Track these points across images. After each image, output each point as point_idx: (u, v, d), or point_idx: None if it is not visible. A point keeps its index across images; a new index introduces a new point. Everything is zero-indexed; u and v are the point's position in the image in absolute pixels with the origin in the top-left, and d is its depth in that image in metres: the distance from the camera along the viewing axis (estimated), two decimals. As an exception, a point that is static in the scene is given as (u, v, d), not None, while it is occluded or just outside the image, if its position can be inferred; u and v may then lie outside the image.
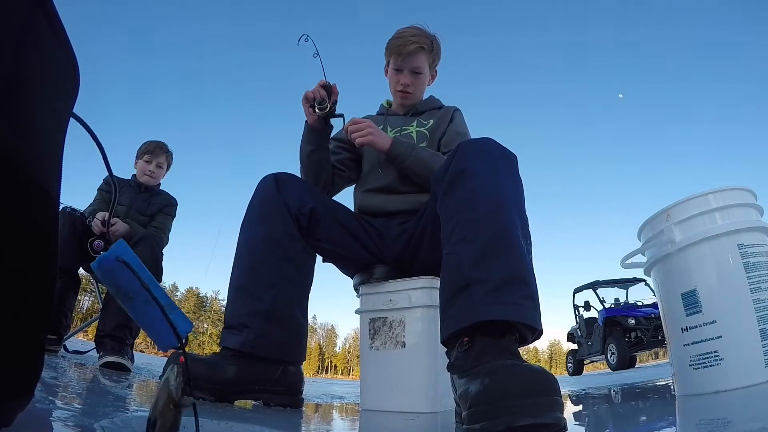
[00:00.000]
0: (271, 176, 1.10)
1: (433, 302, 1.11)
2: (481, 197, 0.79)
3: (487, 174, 0.81)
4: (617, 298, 8.51)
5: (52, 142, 0.38)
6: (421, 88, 1.35)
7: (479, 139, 0.89)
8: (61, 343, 1.97)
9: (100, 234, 1.91)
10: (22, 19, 0.33)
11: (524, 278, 0.72)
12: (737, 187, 1.03)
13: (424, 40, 1.29)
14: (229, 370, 0.93)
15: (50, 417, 0.52)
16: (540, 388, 0.56)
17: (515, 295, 0.70)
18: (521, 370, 0.59)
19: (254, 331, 0.96)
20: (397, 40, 1.29)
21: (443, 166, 0.91)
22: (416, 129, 1.31)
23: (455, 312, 0.73)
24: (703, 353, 0.96)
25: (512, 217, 0.78)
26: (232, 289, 1.04)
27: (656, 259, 1.10)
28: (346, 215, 1.18)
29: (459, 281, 0.74)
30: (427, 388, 1.06)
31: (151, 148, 2.23)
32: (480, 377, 0.61)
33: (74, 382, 1.06)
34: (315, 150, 1.23)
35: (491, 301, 0.69)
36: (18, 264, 0.33)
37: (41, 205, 0.36)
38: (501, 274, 0.70)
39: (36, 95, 0.35)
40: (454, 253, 0.78)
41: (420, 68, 1.31)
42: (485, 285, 0.70)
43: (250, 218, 1.08)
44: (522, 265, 0.73)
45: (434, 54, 1.34)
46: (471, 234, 0.76)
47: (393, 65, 1.32)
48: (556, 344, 74.35)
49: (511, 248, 0.74)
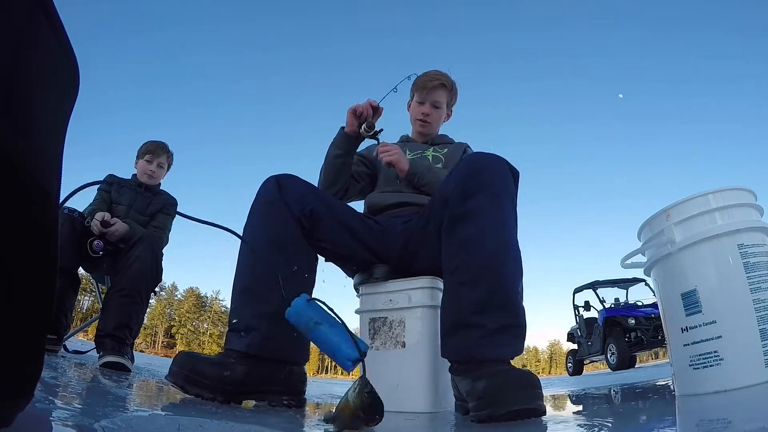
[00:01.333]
0: (272, 178, 1.10)
1: (433, 302, 1.11)
2: (484, 248, 0.90)
3: (493, 215, 0.92)
4: (617, 298, 8.51)
5: (52, 142, 0.38)
6: (438, 122, 1.53)
7: (490, 163, 0.97)
8: (61, 343, 1.97)
9: (99, 234, 1.91)
10: (22, 19, 0.33)
11: (516, 323, 0.88)
12: (737, 187, 1.03)
13: (446, 80, 1.49)
14: (238, 371, 0.94)
15: (50, 417, 0.52)
16: (528, 384, 0.77)
17: (507, 337, 0.87)
18: (515, 371, 0.81)
19: (260, 334, 0.97)
20: (423, 77, 1.49)
21: (455, 179, 0.99)
22: (432, 153, 1.46)
23: (456, 344, 0.90)
24: (703, 353, 0.96)
25: (510, 265, 0.91)
26: (236, 292, 1.04)
27: (656, 259, 1.10)
28: (348, 215, 1.18)
29: (460, 320, 0.90)
30: (427, 388, 1.07)
31: (152, 148, 2.23)
32: (485, 377, 0.80)
33: (74, 382, 1.06)
34: (342, 155, 1.34)
35: (487, 343, 0.85)
36: (18, 264, 0.33)
37: (41, 205, 0.36)
38: (497, 323, 0.86)
39: (36, 95, 0.35)
40: (455, 292, 0.92)
41: (440, 103, 1.50)
42: (483, 330, 0.86)
43: (253, 221, 1.08)
44: (515, 313, 0.89)
45: (453, 94, 1.54)
46: (473, 280, 0.89)
47: (417, 98, 1.50)
48: (556, 344, 74.36)
49: (508, 300, 0.88)
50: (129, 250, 1.92)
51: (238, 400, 0.94)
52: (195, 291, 54.48)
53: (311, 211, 1.08)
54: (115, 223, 1.94)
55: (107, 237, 1.93)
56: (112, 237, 1.94)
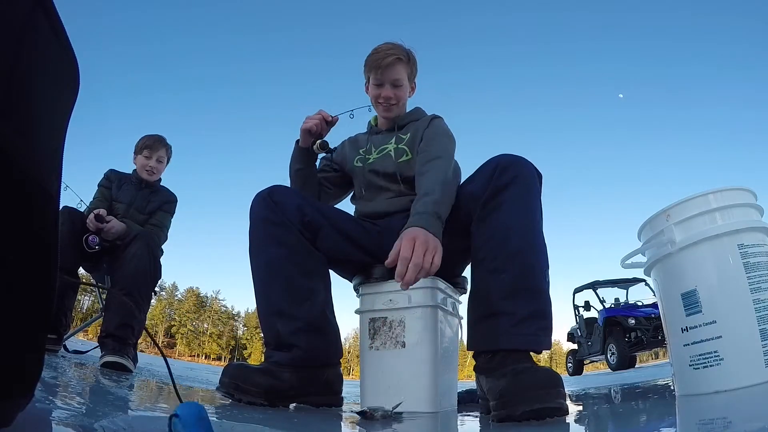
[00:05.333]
0: (264, 193, 1.12)
1: (432, 302, 1.11)
2: (514, 234, 0.92)
3: (523, 209, 0.94)
4: (617, 298, 8.51)
5: (52, 142, 0.38)
6: (403, 100, 1.36)
7: (518, 161, 0.99)
8: (61, 343, 1.97)
9: (95, 230, 1.90)
10: (22, 19, 0.33)
11: (543, 312, 0.89)
12: (737, 187, 1.03)
13: (401, 52, 1.31)
14: (286, 380, 1.02)
15: (50, 417, 0.52)
16: (550, 382, 0.77)
17: (534, 327, 0.87)
18: (536, 370, 0.81)
19: (302, 349, 1.04)
20: (375, 55, 1.30)
21: (482, 178, 0.99)
22: (394, 146, 1.32)
23: (482, 334, 0.91)
24: (703, 353, 0.96)
25: (539, 256, 0.92)
26: (266, 313, 1.08)
27: (656, 259, 1.10)
28: (345, 221, 1.20)
29: (487, 309, 0.91)
30: (427, 388, 1.06)
31: (150, 143, 2.19)
32: (507, 376, 0.81)
33: (74, 382, 1.06)
34: (303, 168, 1.32)
35: (514, 332, 0.86)
36: (18, 263, 0.33)
37: (41, 204, 0.36)
38: (524, 311, 0.87)
39: (36, 95, 0.35)
40: (484, 281, 0.94)
41: (399, 80, 1.31)
42: (510, 319, 0.87)
43: (260, 240, 1.10)
44: (542, 301, 0.90)
45: (411, 65, 1.35)
46: (501, 267, 0.91)
47: (374, 80, 1.32)
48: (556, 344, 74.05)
49: (535, 287, 0.90)
50: (125, 248, 1.91)
51: (286, 404, 1.02)
52: (195, 291, 54.47)
53: (309, 222, 1.10)
54: (110, 220, 1.93)
55: (103, 235, 1.92)
56: (108, 235, 1.93)
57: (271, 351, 1.06)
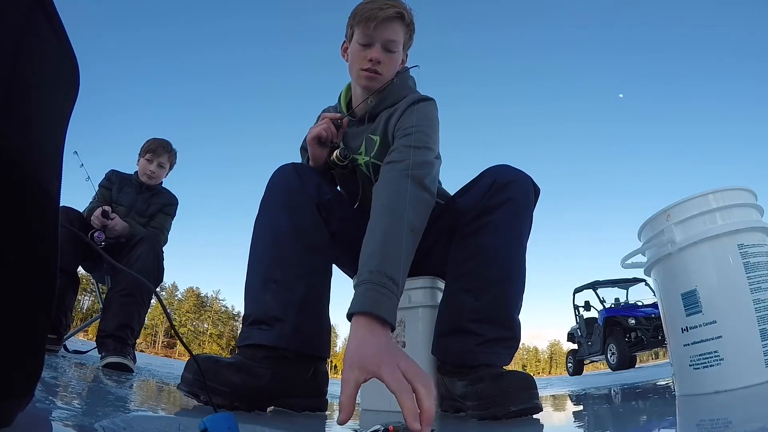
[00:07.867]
0: (290, 165, 1.02)
1: (433, 302, 1.11)
2: (495, 263, 0.93)
3: (511, 232, 0.94)
4: (617, 298, 8.51)
5: (52, 142, 0.38)
6: (392, 71, 1.06)
7: (516, 180, 0.96)
8: (61, 343, 1.97)
9: (101, 226, 1.91)
10: (22, 19, 0.33)
11: (510, 337, 0.93)
12: (737, 187, 1.03)
13: (403, 8, 1.04)
14: (263, 376, 0.85)
15: (50, 417, 0.52)
16: (527, 385, 0.82)
17: (499, 347, 0.91)
18: (515, 374, 0.85)
19: (290, 324, 0.88)
20: (368, 4, 1.01)
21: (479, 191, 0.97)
22: (364, 159, 1.07)
23: (451, 347, 0.94)
24: (703, 353, 0.96)
25: (517, 283, 0.94)
26: (257, 281, 0.94)
27: (656, 259, 1.10)
28: (354, 211, 1.16)
29: (456, 325, 0.94)
30: (427, 388, 1.06)
31: (153, 147, 2.19)
32: (484, 380, 0.84)
33: (74, 382, 1.06)
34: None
35: (479, 351, 0.90)
36: (18, 263, 0.33)
37: (41, 204, 0.36)
38: (492, 335, 0.91)
39: (36, 95, 0.35)
40: (457, 298, 0.95)
41: (395, 43, 1.03)
42: (477, 339, 0.91)
43: (271, 207, 0.99)
44: (512, 327, 0.93)
45: (410, 30, 1.08)
46: (476, 292, 0.92)
47: (360, 38, 1.02)
48: (556, 344, 74.35)
49: (508, 316, 0.93)
50: (131, 250, 1.92)
51: (264, 407, 0.86)
52: (195, 291, 54.50)
53: (328, 200, 1.02)
54: (114, 217, 1.94)
55: (106, 232, 1.92)
56: (111, 232, 1.93)
57: (250, 329, 0.89)
